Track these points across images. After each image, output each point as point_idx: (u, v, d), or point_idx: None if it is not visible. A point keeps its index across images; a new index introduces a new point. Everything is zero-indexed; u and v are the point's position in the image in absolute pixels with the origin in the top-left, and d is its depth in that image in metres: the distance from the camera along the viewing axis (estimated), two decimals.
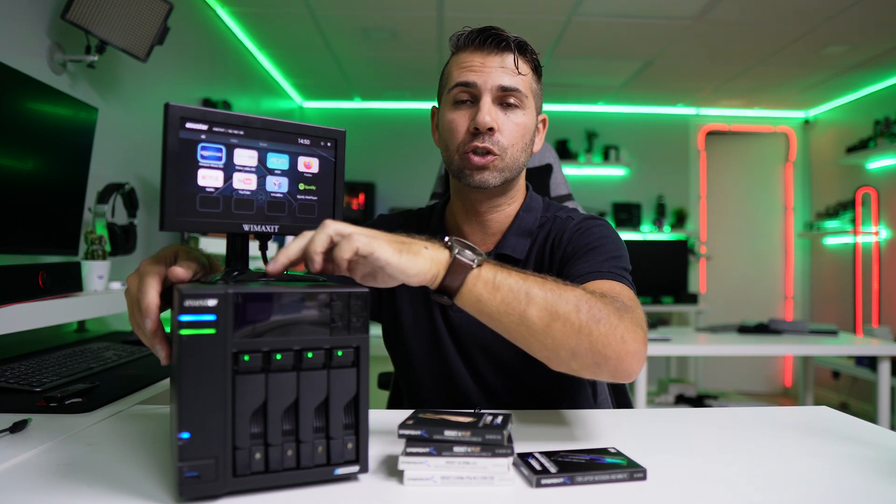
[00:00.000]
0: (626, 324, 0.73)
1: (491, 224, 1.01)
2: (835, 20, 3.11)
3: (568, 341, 0.70)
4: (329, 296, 0.59)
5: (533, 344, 0.72)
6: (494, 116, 0.92)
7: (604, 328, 0.71)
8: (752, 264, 5.11)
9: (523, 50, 0.95)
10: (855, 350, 2.60)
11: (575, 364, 0.73)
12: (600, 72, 4.11)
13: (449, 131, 0.95)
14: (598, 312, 0.71)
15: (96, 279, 1.66)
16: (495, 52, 0.93)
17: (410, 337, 1.04)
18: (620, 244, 0.96)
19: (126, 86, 2.25)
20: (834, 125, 4.75)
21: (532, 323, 0.69)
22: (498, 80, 0.92)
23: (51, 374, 1.09)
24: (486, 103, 0.91)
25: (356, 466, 0.60)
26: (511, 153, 0.94)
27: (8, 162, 1.38)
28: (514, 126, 0.93)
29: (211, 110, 0.62)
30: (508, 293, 0.69)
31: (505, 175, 0.94)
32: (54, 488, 0.59)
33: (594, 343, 0.70)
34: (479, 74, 0.92)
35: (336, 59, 3.93)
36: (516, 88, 0.93)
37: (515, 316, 0.69)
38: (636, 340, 0.73)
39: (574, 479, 0.61)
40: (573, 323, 0.69)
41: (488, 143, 0.92)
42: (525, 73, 0.94)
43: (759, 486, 0.62)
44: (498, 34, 0.93)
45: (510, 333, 0.72)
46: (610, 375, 0.74)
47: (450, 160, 0.97)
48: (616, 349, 0.71)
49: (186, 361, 0.54)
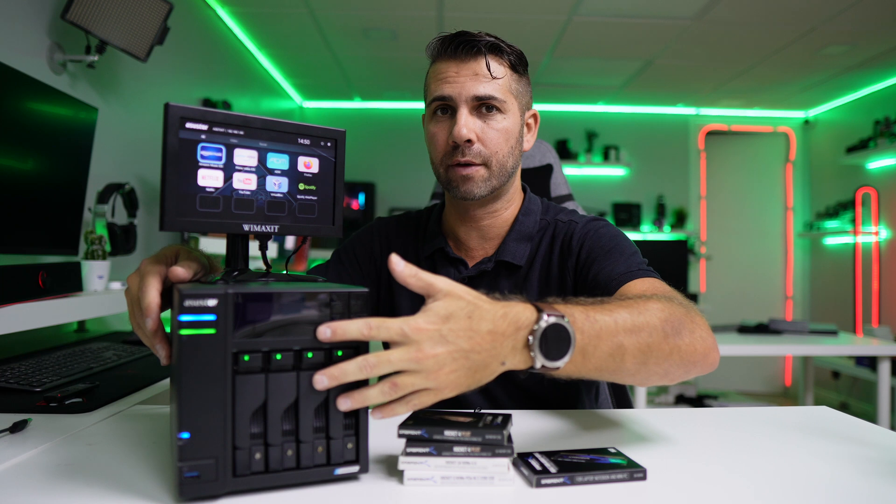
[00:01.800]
0: (699, 322, 0.75)
1: (488, 230, 1.00)
2: (835, 20, 3.11)
3: (660, 368, 0.71)
4: (329, 296, 0.59)
5: (627, 380, 0.72)
6: (472, 127, 0.90)
7: (687, 339, 0.72)
8: (752, 264, 5.11)
9: (497, 51, 0.92)
10: (855, 350, 2.60)
11: (667, 380, 0.75)
12: (600, 72, 4.11)
13: (431, 144, 0.96)
14: (678, 323, 0.71)
15: (96, 279, 1.66)
16: (469, 59, 0.91)
17: None
18: (630, 240, 0.97)
19: (126, 86, 2.25)
20: (834, 125, 4.75)
21: (627, 370, 0.69)
22: (472, 91, 0.90)
23: (51, 374, 1.09)
24: (462, 115, 0.90)
25: (356, 466, 0.60)
26: (496, 160, 0.93)
27: (8, 162, 1.38)
28: (495, 133, 0.92)
29: (211, 110, 0.62)
30: (601, 358, 0.66)
31: (492, 183, 0.94)
32: (54, 488, 0.59)
33: (683, 357, 0.72)
34: (453, 86, 0.91)
35: (336, 59, 3.93)
36: (491, 95, 0.91)
37: (611, 372, 0.68)
38: (710, 333, 0.76)
39: (574, 479, 0.61)
40: (664, 351, 0.70)
41: (469, 157, 0.91)
42: (501, 75, 0.92)
43: (759, 487, 0.62)
44: (469, 39, 0.91)
45: (612, 380, 0.72)
46: (699, 374, 0.77)
47: (437, 172, 0.97)
48: (701, 351, 0.74)
49: (186, 361, 0.54)
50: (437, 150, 0.94)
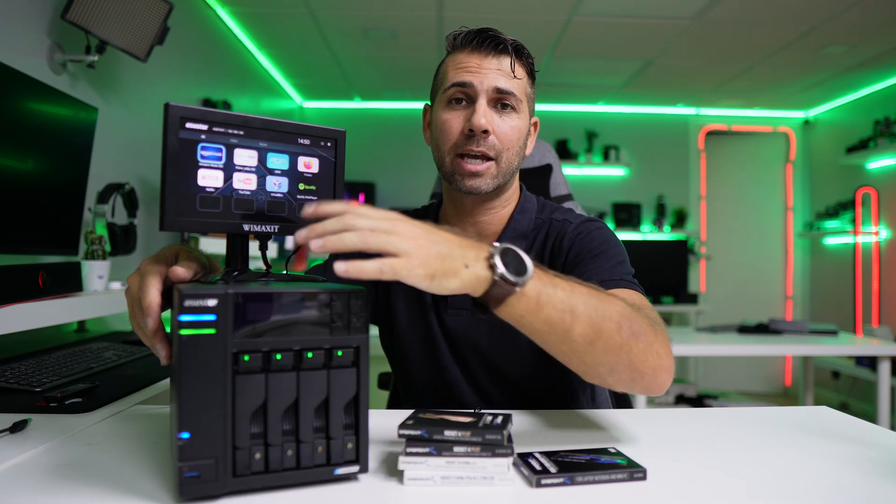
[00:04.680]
0: (660, 339, 0.73)
1: (484, 227, 1.00)
2: (835, 20, 3.11)
3: (608, 358, 0.70)
4: (329, 296, 0.59)
5: (572, 359, 0.71)
6: (490, 119, 0.91)
7: (642, 345, 0.70)
8: (752, 264, 5.11)
9: (520, 53, 0.94)
10: (855, 350, 2.60)
11: (611, 379, 0.73)
12: (600, 72, 4.11)
13: (442, 132, 0.94)
14: (638, 328, 0.70)
15: (96, 279, 1.66)
16: (492, 55, 0.92)
17: (406, 339, 1.04)
18: (622, 247, 0.96)
19: (126, 86, 2.25)
20: (834, 125, 4.75)
21: (575, 341, 0.68)
22: (494, 83, 0.91)
23: (51, 374, 1.09)
24: (481, 105, 0.91)
25: (356, 466, 0.60)
26: (506, 157, 0.93)
27: (8, 162, 1.38)
28: (509, 129, 0.93)
29: (211, 110, 0.63)
30: (553, 312, 0.66)
31: (499, 181, 0.94)
32: (54, 488, 0.59)
33: (633, 360, 0.71)
34: (475, 75, 0.91)
35: (336, 59, 3.93)
36: (512, 92, 0.92)
37: (559, 334, 0.67)
38: (669, 355, 0.74)
39: (574, 479, 0.61)
40: (615, 341, 0.69)
41: (483, 147, 0.91)
42: (521, 76, 0.94)
43: (759, 487, 0.62)
44: (496, 36, 0.92)
45: (551, 348, 0.70)
46: (643, 389, 0.75)
47: (441, 161, 0.96)
48: (652, 365, 0.72)
49: (186, 361, 0.54)
50: (449, 137, 0.93)
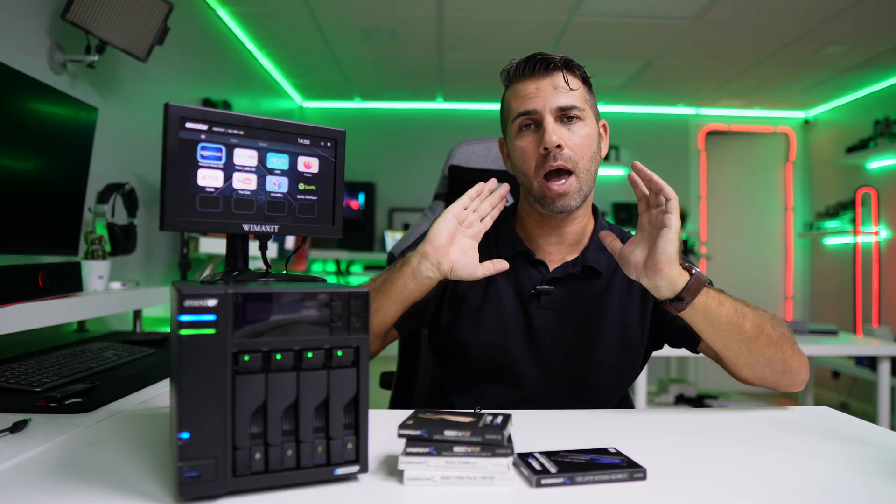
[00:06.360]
0: (797, 347, 0.93)
1: (567, 235, 1.05)
2: (835, 20, 3.11)
3: (769, 351, 0.89)
4: (329, 296, 0.59)
5: (742, 351, 0.89)
6: (560, 134, 0.96)
7: (789, 343, 0.91)
8: (752, 264, 5.11)
9: (570, 66, 1.00)
10: (855, 350, 2.60)
11: (768, 371, 0.91)
12: (600, 72, 4.10)
13: (521, 158, 1.00)
14: (783, 329, 0.91)
15: (96, 279, 1.66)
16: (545, 75, 0.98)
17: (494, 329, 1.03)
18: None
19: (126, 86, 2.25)
20: (834, 125, 4.75)
21: (746, 333, 0.87)
22: (555, 102, 0.96)
23: (51, 374, 1.09)
24: (549, 123, 0.96)
25: (356, 466, 0.60)
26: (583, 166, 0.98)
27: (8, 162, 1.38)
28: (579, 139, 0.97)
29: (211, 110, 0.63)
30: (730, 308, 0.86)
31: (584, 192, 0.99)
32: (54, 488, 0.59)
33: (785, 356, 0.90)
34: (535, 100, 0.97)
35: (336, 59, 3.93)
36: (572, 105, 0.97)
37: (735, 327, 0.86)
38: (806, 363, 0.95)
39: (574, 479, 0.61)
40: (774, 338, 0.89)
41: (560, 161, 0.95)
42: (576, 87, 0.99)
43: (759, 487, 0.62)
44: (544, 57, 0.98)
45: (726, 341, 0.88)
46: (789, 384, 0.93)
47: (529, 186, 1.00)
48: (798, 362, 0.92)
49: (186, 361, 0.54)
50: (528, 161, 0.99)
